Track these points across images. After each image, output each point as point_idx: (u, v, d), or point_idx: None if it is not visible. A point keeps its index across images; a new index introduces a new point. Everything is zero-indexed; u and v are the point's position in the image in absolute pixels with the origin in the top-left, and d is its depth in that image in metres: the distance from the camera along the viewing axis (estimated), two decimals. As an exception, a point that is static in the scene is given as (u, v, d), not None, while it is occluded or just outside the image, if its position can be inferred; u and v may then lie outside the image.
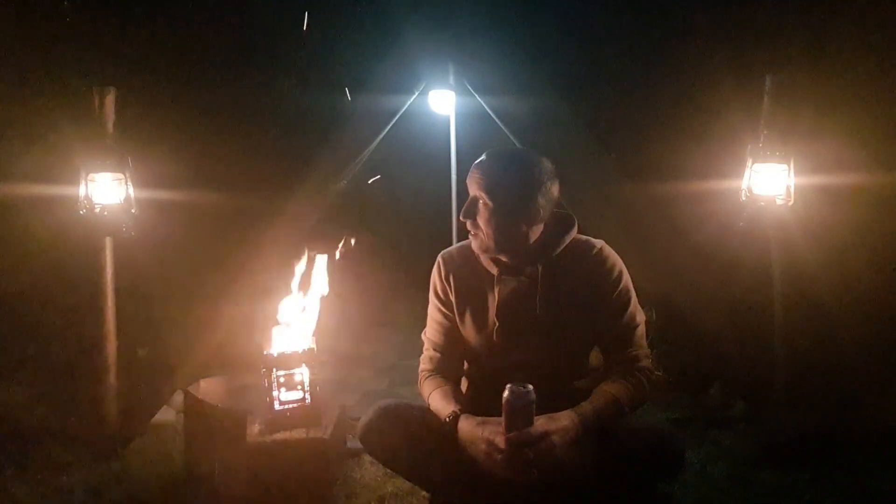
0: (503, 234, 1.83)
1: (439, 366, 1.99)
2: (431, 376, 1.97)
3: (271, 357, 2.33)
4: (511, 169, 1.84)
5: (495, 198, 1.80)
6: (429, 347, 2.03)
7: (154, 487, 2.44)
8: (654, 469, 1.80)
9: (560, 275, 1.89)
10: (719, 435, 2.72)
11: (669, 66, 3.41)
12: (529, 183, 1.81)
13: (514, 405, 1.66)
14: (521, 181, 1.82)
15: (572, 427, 1.71)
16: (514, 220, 1.82)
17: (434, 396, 1.90)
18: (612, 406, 1.78)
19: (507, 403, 1.67)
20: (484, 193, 1.81)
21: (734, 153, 2.59)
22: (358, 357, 3.76)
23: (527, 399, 1.66)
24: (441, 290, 1.99)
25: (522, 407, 1.66)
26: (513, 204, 1.81)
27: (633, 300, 1.91)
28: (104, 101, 2.57)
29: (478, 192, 1.83)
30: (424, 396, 1.95)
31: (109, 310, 2.66)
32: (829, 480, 2.36)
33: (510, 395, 1.67)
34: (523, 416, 1.67)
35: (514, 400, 1.66)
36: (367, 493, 2.36)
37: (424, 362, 2.02)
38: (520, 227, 1.83)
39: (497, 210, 1.81)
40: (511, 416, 1.67)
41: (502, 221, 1.81)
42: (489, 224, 1.82)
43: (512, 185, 1.81)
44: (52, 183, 2.78)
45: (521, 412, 1.67)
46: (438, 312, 2.00)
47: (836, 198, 2.74)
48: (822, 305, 2.92)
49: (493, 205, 1.80)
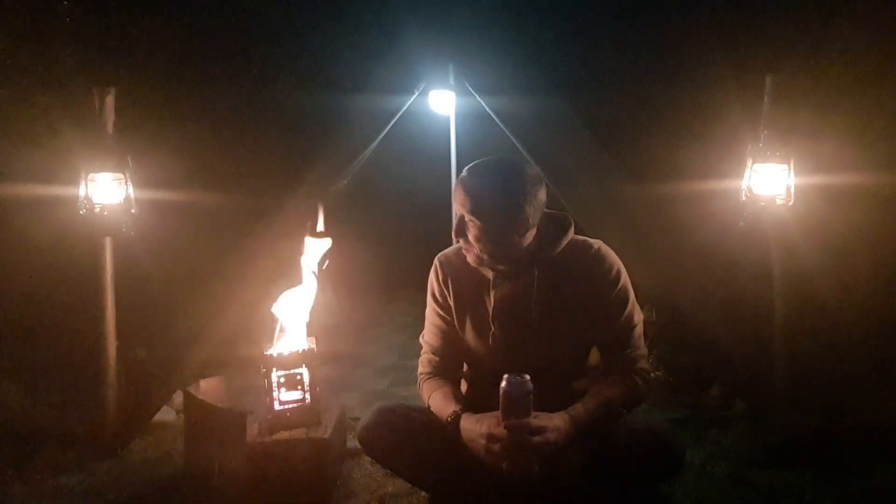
0: (496, 247, 1.82)
1: (438, 368, 1.99)
2: (431, 379, 1.97)
3: (271, 357, 2.33)
4: (494, 185, 1.79)
5: (482, 217, 1.78)
6: (427, 350, 2.03)
7: (154, 487, 2.44)
8: (654, 469, 1.81)
9: (558, 276, 1.89)
10: (719, 435, 2.72)
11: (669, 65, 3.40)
12: (514, 195, 1.78)
13: (511, 395, 1.67)
14: (505, 196, 1.78)
15: (564, 427, 1.71)
16: (503, 233, 1.80)
17: (434, 398, 1.91)
18: (605, 408, 1.79)
19: (505, 393, 1.68)
20: (470, 215, 1.79)
21: (734, 153, 2.59)
22: (358, 357, 3.76)
23: (524, 389, 1.67)
24: (439, 294, 1.99)
25: (520, 396, 1.67)
26: (501, 219, 1.78)
27: (632, 300, 1.91)
28: (104, 101, 2.57)
29: (464, 212, 1.81)
30: (424, 399, 1.95)
31: (109, 310, 2.66)
32: (829, 480, 2.36)
33: (507, 384, 1.67)
34: (521, 405, 1.67)
35: (511, 389, 1.67)
36: (367, 493, 2.36)
37: (423, 365, 2.03)
38: (511, 238, 1.81)
39: (486, 228, 1.79)
40: (508, 406, 1.68)
41: (492, 237, 1.80)
42: (479, 241, 1.81)
43: (497, 201, 1.77)
44: (52, 183, 2.78)
45: (519, 402, 1.67)
46: (436, 315, 2.01)
47: (836, 198, 2.74)
48: (821, 305, 2.92)
49: (482, 224, 1.78)
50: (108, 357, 2.67)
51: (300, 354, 2.36)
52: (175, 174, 3.11)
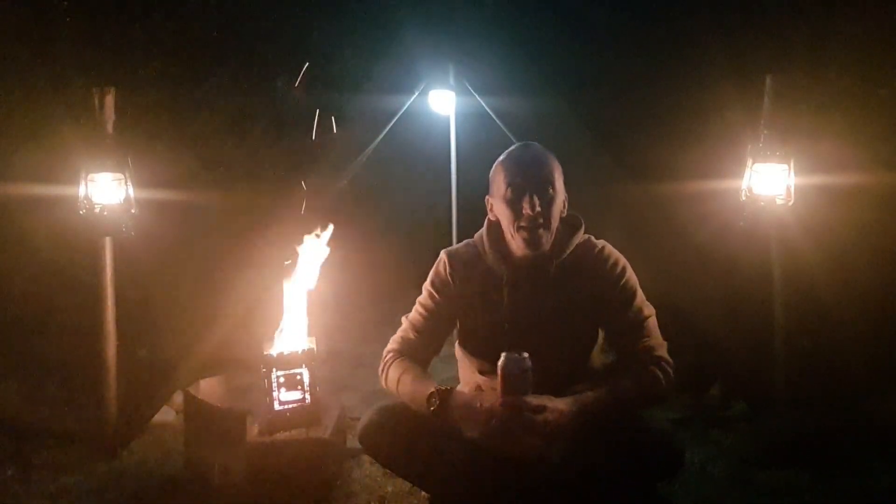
0: (543, 203, 1.83)
1: (410, 348, 1.98)
2: (400, 359, 1.95)
3: (271, 357, 2.33)
4: (531, 146, 1.93)
5: (529, 167, 1.86)
6: (407, 329, 2.01)
7: (154, 487, 2.44)
8: (654, 469, 1.80)
9: (569, 274, 1.89)
10: (719, 435, 2.72)
11: (669, 66, 3.41)
12: (549, 153, 1.91)
13: (510, 371, 1.67)
14: (543, 151, 1.91)
15: (567, 409, 1.70)
16: (550, 181, 1.86)
17: (406, 378, 1.88)
18: (616, 397, 1.77)
19: (503, 370, 1.67)
20: (517, 173, 1.85)
21: (734, 153, 2.59)
22: (358, 357, 3.75)
23: (523, 365, 1.66)
24: (442, 285, 1.98)
25: (518, 373, 1.66)
26: (546, 169, 1.87)
27: (640, 294, 1.91)
28: (104, 101, 2.56)
29: (510, 181, 1.85)
30: (392, 378, 1.92)
31: (109, 310, 2.66)
32: (829, 480, 2.36)
33: (506, 361, 1.67)
34: (519, 382, 1.67)
35: (509, 366, 1.67)
36: (367, 493, 2.36)
37: (394, 342, 2.00)
38: (554, 197, 1.86)
39: (534, 176, 1.85)
40: (507, 383, 1.67)
41: (540, 187, 1.84)
42: (552, 205, 1.84)
43: (538, 152, 1.90)
44: (52, 183, 2.78)
45: (517, 379, 1.67)
46: (432, 302, 1.99)
47: (836, 198, 2.74)
48: (822, 305, 2.92)
49: (532, 172, 1.85)
50: (108, 357, 2.67)
51: (300, 354, 2.36)
52: (175, 174, 3.11)
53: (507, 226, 1.88)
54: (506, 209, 1.85)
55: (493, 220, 1.95)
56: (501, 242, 1.93)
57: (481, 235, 1.99)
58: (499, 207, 1.89)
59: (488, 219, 1.98)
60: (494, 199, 1.92)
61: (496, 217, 1.93)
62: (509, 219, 1.85)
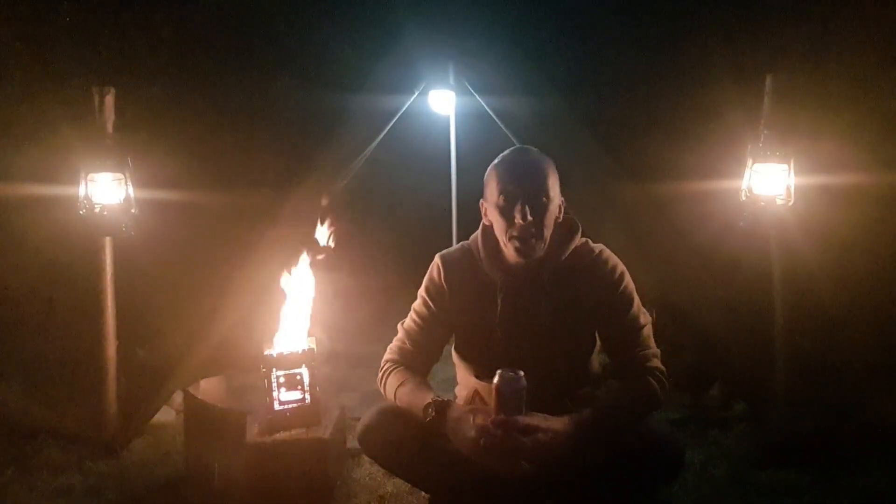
0: (535, 211, 1.79)
1: (408, 359, 1.95)
2: (398, 369, 1.93)
3: (271, 357, 2.33)
4: (525, 150, 1.91)
5: (523, 173, 1.82)
6: (403, 339, 1.99)
7: (154, 487, 2.44)
8: (654, 470, 1.79)
9: (564, 280, 1.88)
10: (719, 435, 2.72)
11: (669, 65, 3.41)
12: (544, 156, 1.88)
13: (504, 391, 1.65)
14: (538, 155, 1.88)
15: (563, 430, 1.68)
16: (544, 188, 1.81)
17: (405, 388, 1.86)
18: (616, 412, 1.77)
19: (497, 389, 1.66)
20: (510, 180, 1.81)
21: (734, 153, 2.59)
22: (358, 357, 3.75)
23: (517, 385, 1.65)
24: (436, 291, 1.97)
25: (512, 393, 1.65)
26: (540, 176, 1.82)
27: (637, 302, 1.90)
28: (104, 101, 2.56)
29: (503, 186, 1.81)
30: (390, 388, 1.90)
31: (109, 310, 2.66)
32: (829, 480, 2.36)
33: (500, 381, 1.66)
34: (513, 402, 1.65)
35: (503, 386, 1.65)
36: (367, 493, 2.36)
37: (392, 352, 1.98)
38: (547, 205, 1.81)
39: (529, 179, 1.81)
40: (501, 403, 1.66)
41: (532, 195, 1.79)
42: (519, 209, 1.78)
43: (533, 156, 1.87)
44: (52, 183, 2.78)
45: (512, 398, 1.65)
46: (426, 309, 1.97)
47: (836, 198, 2.74)
48: (822, 305, 2.92)
49: (525, 180, 1.81)
50: (108, 357, 2.67)
51: (300, 354, 2.36)
52: (175, 174, 3.11)
53: (499, 233, 1.86)
54: (498, 216, 1.83)
55: (488, 224, 1.92)
56: (496, 247, 1.91)
57: (476, 239, 1.97)
58: (491, 213, 1.87)
59: (483, 223, 1.95)
60: (488, 205, 1.89)
61: (490, 221, 1.90)
62: (501, 227, 1.83)
